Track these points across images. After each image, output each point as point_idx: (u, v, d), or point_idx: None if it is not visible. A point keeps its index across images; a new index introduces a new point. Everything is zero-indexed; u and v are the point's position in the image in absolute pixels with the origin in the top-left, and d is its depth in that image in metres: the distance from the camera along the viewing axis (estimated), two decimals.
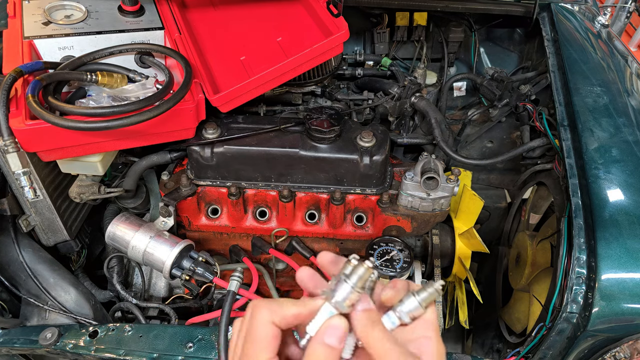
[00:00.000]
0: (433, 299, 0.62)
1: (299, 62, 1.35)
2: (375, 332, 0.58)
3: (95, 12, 1.43)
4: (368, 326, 0.58)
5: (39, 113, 1.08)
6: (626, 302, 1.15)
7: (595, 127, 1.44)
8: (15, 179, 1.17)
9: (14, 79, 1.14)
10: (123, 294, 1.47)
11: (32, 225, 1.43)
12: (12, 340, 1.25)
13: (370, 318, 0.59)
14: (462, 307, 1.70)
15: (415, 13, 1.99)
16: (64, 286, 1.38)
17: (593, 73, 1.63)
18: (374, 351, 0.57)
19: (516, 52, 2.14)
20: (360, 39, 2.15)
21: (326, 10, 1.41)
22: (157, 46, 1.39)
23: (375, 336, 0.58)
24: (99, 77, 1.27)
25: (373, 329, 0.58)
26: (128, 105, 1.14)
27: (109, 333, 1.23)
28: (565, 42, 1.74)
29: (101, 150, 1.29)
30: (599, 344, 1.20)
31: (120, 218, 1.42)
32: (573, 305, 1.18)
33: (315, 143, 1.40)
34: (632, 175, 1.32)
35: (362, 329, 0.59)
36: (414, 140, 1.77)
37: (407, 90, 1.69)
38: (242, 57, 1.44)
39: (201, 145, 1.39)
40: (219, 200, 1.49)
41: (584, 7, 2.02)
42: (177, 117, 1.28)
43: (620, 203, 1.27)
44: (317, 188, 1.46)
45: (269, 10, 1.55)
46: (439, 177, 1.37)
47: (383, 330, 0.58)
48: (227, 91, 1.31)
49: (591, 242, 1.22)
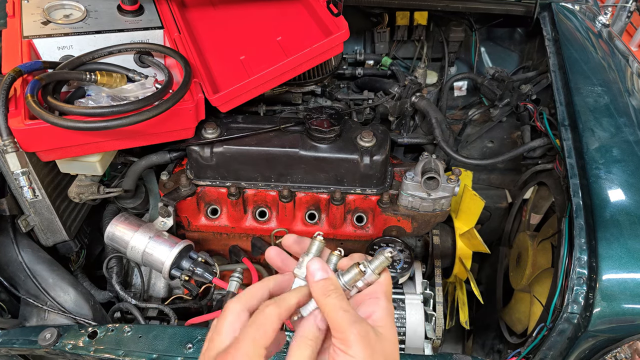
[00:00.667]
0: (384, 265, 0.71)
1: (298, 62, 1.35)
2: (328, 299, 0.67)
3: (94, 11, 1.43)
4: (323, 295, 0.67)
5: (38, 113, 1.08)
6: (627, 303, 1.15)
7: (596, 127, 1.44)
8: (14, 179, 1.17)
9: (13, 79, 1.14)
10: (122, 294, 1.46)
11: (31, 225, 1.43)
12: (12, 340, 1.24)
13: (325, 287, 0.68)
14: (462, 308, 1.69)
15: (416, 12, 1.99)
16: (63, 286, 1.38)
17: (594, 73, 1.62)
18: (327, 317, 0.66)
19: (517, 51, 2.13)
20: (361, 38, 2.15)
21: (326, 10, 1.40)
22: (156, 46, 1.39)
23: (328, 303, 0.66)
24: (98, 77, 1.27)
25: (326, 297, 0.67)
26: (127, 105, 1.14)
27: (108, 333, 1.22)
28: (566, 41, 1.73)
29: (100, 150, 1.29)
30: (599, 344, 1.19)
31: (120, 218, 1.42)
32: (574, 306, 1.17)
33: (315, 143, 1.40)
34: (633, 175, 1.32)
35: (318, 297, 0.68)
36: (414, 140, 1.77)
37: (408, 89, 1.68)
38: (242, 57, 1.44)
39: (201, 145, 1.39)
40: (219, 200, 1.49)
41: (585, 7, 2.01)
42: (177, 116, 1.28)
43: (621, 203, 1.27)
44: (317, 188, 1.46)
45: (268, 9, 1.55)
46: (440, 177, 1.37)
47: (336, 298, 0.67)
48: (227, 91, 1.31)
49: (592, 242, 1.22)
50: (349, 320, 0.64)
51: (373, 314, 0.69)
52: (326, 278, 0.69)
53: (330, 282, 0.69)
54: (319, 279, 0.69)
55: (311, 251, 0.74)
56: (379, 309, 0.69)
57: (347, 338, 0.63)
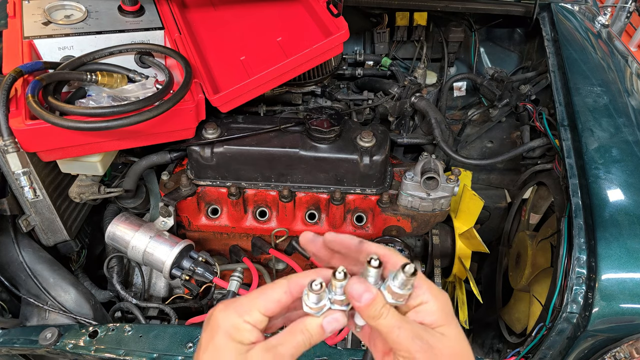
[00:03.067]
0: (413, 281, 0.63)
1: (298, 62, 1.35)
2: (382, 320, 0.63)
3: (95, 12, 1.43)
4: (376, 317, 0.63)
5: (39, 113, 1.08)
6: (626, 302, 1.15)
7: (595, 127, 1.44)
8: (15, 179, 1.17)
9: (13, 79, 1.14)
10: (123, 294, 1.47)
11: (32, 225, 1.43)
12: (12, 340, 1.25)
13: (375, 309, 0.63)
14: (462, 307, 1.70)
15: (415, 13, 1.99)
16: (63, 286, 1.38)
17: (593, 73, 1.63)
18: (386, 338, 0.63)
19: (516, 52, 2.14)
20: (360, 39, 2.15)
21: (326, 10, 1.41)
22: (157, 46, 1.39)
23: (382, 324, 0.63)
24: (99, 77, 1.27)
25: (380, 319, 0.63)
26: (128, 105, 1.14)
27: (109, 333, 1.22)
28: (566, 42, 1.74)
29: (101, 150, 1.29)
30: (599, 344, 1.20)
31: (120, 218, 1.42)
32: (573, 305, 1.18)
33: (315, 143, 1.40)
34: (632, 175, 1.32)
35: (370, 320, 0.63)
36: (414, 140, 1.77)
37: (407, 90, 1.69)
38: (242, 57, 1.44)
39: (201, 145, 1.39)
40: (219, 200, 1.49)
41: (584, 7, 2.01)
42: (177, 117, 1.28)
43: (620, 203, 1.27)
44: (317, 188, 1.46)
45: (268, 10, 1.55)
46: (439, 177, 1.37)
47: (389, 317, 0.63)
48: (227, 91, 1.31)
49: (591, 242, 1.22)
50: (407, 337, 0.62)
51: (425, 318, 0.65)
52: (373, 299, 0.63)
53: (378, 302, 0.63)
54: (366, 303, 0.63)
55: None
56: (431, 312, 0.65)
57: (414, 357, 0.61)
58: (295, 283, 0.66)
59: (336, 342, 1.32)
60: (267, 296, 0.66)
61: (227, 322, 0.64)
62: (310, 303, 0.64)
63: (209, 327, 0.66)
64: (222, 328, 0.64)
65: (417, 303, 0.65)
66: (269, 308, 0.65)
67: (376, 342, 0.71)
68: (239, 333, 0.64)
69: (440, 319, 0.65)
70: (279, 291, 0.65)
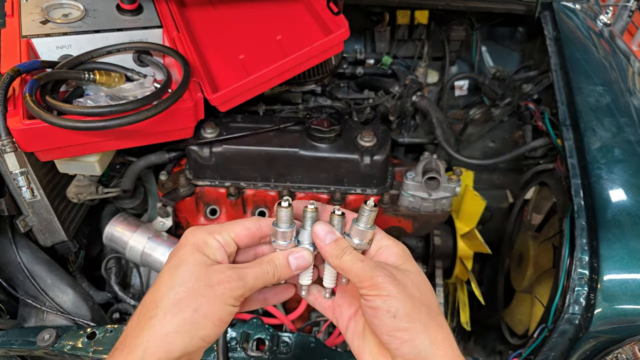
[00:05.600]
0: (373, 216, 0.69)
1: (298, 61, 1.34)
2: (345, 257, 0.67)
3: (93, 10, 1.42)
4: (337, 257, 0.68)
5: (37, 112, 1.07)
6: (628, 303, 1.14)
7: (597, 126, 1.43)
8: (13, 179, 1.17)
9: (11, 78, 1.13)
10: (121, 295, 1.46)
11: (29, 225, 1.42)
12: (10, 341, 1.24)
13: (338, 247, 0.68)
14: (463, 309, 1.69)
15: (417, 11, 1.98)
16: (61, 287, 1.38)
17: (595, 72, 1.62)
18: (349, 273, 0.67)
19: (518, 51, 2.12)
20: (361, 37, 2.14)
21: (326, 9, 1.40)
22: (155, 45, 1.38)
23: (345, 261, 0.67)
24: (97, 76, 1.26)
25: (343, 256, 0.67)
26: (126, 104, 1.13)
27: (107, 334, 1.22)
28: (567, 41, 1.73)
29: (99, 150, 1.29)
30: (601, 345, 1.19)
31: (118, 219, 1.41)
32: (575, 307, 1.17)
33: (315, 143, 1.39)
34: (635, 175, 1.31)
35: (333, 260, 0.68)
36: (415, 139, 1.76)
37: (408, 89, 1.68)
38: (241, 56, 1.43)
39: (200, 144, 1.38)
40: (218, 200, 1.48)
41: (586, 6, 2.00)
42: (176, 116, 1.27)
43: (622, 203, 1.26)
44: (317, 188, 1.45)
45: (268, 8, 1.54)
46: (441, 177, 1.36)
47: (351, 254, 0.68)
48: (226, 90, 1.30)
49: (593, 242, 1.21)
50: (370, 267, 0.65)
51: (388, 259, 0.69)
52: (336, 239, 0.69)
53: (341, 242, 0.69)
54: (330, 242, 0.68)
55: (307, 224, 0.72)
56: (391, 253, 0.70)
57: (376, 282, 0.64)
58: (266, 220, 0.71)
59: (336, 344, 1.31)
60: (238, 223, 0.70)
61: (196, 236, 0.67)
62: (279, 240, 0.70)
63: (178, 244, 0.68)
64: (190, 242, 0.67)
65: (378, 247, 0.71)
66: (238, 232, 0.69)
67: (342, 308, 0.76)
68: (206, 246, 0.66)
69: (402, 258, 0.70)
70: (250, 221, 0.71)
